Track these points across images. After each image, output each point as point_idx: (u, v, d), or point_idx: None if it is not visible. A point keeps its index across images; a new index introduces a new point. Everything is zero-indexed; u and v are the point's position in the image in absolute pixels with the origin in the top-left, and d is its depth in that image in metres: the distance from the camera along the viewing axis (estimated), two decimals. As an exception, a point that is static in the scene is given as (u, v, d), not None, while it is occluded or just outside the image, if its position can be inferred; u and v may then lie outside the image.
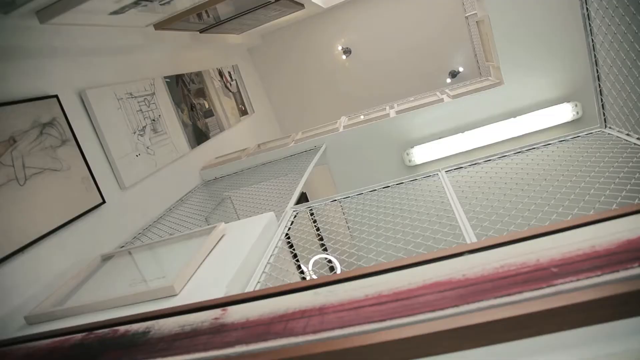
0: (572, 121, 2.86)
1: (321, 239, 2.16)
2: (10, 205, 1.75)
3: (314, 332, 0.80)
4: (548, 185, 1.38)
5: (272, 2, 3.27)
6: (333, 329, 0.79)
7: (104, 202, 2.27)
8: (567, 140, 1.80)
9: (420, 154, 3.01)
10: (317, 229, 2.05)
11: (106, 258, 1.88)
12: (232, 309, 0.98)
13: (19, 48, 1.88)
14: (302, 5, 4.19)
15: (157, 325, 1.02)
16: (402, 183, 1.81)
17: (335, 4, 5.25)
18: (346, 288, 0.91)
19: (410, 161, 3.01)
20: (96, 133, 2.41)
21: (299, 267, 1.92)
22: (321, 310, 0.85)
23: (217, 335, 0.89)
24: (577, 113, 2.83)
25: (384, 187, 1.84)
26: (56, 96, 2.15)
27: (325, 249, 2.13)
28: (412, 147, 3.02)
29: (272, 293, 0.98)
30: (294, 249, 1.73)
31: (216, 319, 0.95)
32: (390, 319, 0.76)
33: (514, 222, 1.23)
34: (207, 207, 3.06)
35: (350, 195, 1.89)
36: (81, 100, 2.36)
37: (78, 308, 1.39)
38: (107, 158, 2.45)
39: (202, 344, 0.87)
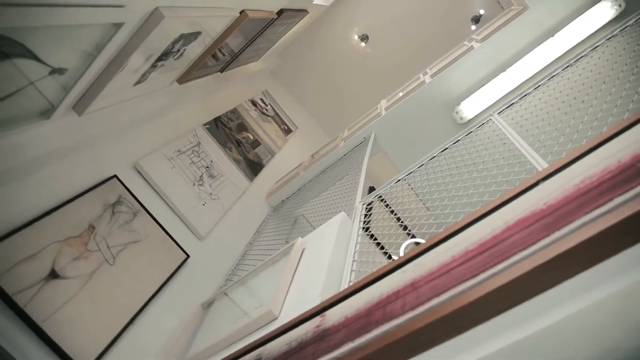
0: (616, 17, 2.64)
1: (400, 220, 2.12)
2: (109, 286, 1.87)
3: (412, 308, 0.78)
4: (609, 87, 1.28)
5: (276, 19, 3.31)
6: (430, 299, 0.77)
7: (188, 256, 2.38)
8: (616, 35, 1.66)
9: (470, 108, 2.90)
10: (393, 212, 2.02)
11: (207, 305, 1.96)
12: (329, 312, 0.98)
13: (69, 145, 2.02)
14: (305, 11, 4.21)
15: (266, 350, 1.04)
16: (459, 140, 1.75)
17: (337, -3, 5.23)
18: (431, 256, 0.88)
19: (462, 118, 2.91)
20: (160, 196, 2.53)
21: (388, 256, 1.90)
22: (413, 286, 0.83)
23: (322, 341, 0.89)
24: (620, 6, 2.61)
25: (442, 151, 1.79)
26: (115, 176, 2.28)
27: (406, 228, 2.09)
28: (458, 104, 2.92)
29: (362, 285, 0.98)
30: (376, 239, 1.72)
31: (317, 326, 0.96)
32: (483, 271, 0.73)
33: (585, 135, 1.15)
34: (284, 229, 3.12)
35: (412, 170, 1.85)
36: (137, 172, 2.49)
37: (195, 358, 1.45)
38: (178, 215, 2.56)
39: (310, 354, 0.88)
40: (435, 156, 1.79)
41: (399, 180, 1.86)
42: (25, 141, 1.68)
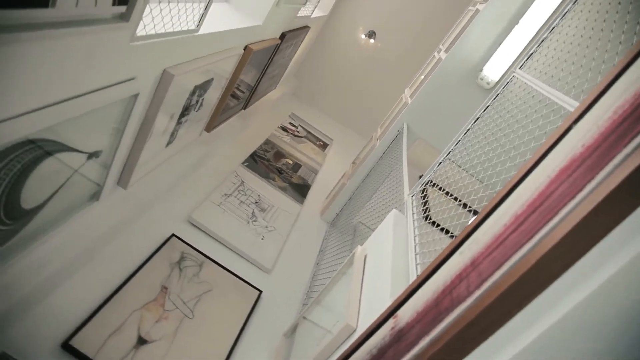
0: None
1: (457, 200, 2.08)
2: (194, 338, 1.93)
3: (477, 287, 0.76)
4: (626, 6, 1.20)
5: (280, 43, 3.36)
6: (492, 273, 0.75)
7: (260, 292, 2.42)
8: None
9: (493, 70, 2.82)
10: (448, 194, 1.98)
11: (289, 334, 1.98)
12: (401, 312, 0.97)
13: (123, 218, 2.12)
14: (306, 27, 4.26)
15: (351, 363, 1.05)
16: (488, 106, 1.70)
17: (332, 3, 5.26)
18: (484, 230, 0.86)
19: (488, 83, 2.83)
20: (220, 242, 2.61)
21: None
22: (473, 264, 0.82)
23: (400, 341, 0.88)
24: None
25: (474, 122, 1.75)
26: (173, 235, 2.38)
27: (465, 205, 2.05)
28: (481, 70, 2.85)
29: (425, 277, 0.97)
30: (439, 225, 1.69)
31: (392, 328, 0.95)
32: (537, 232, 0.70)
33: (612, 64, 1.09)
34: (346, 241, 3.12)
35: (451, 149, 1.82)
36: (192, 225, 2.58)
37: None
38: (241, 256, 2.63)
39: (391, 357, 0.87)
40: (469, 128, 1.75)
41: (440, 162, 1.83)
42: (84, 225, 1.78)
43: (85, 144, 1.47)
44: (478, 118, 1.74)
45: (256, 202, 3.22)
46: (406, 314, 0.94)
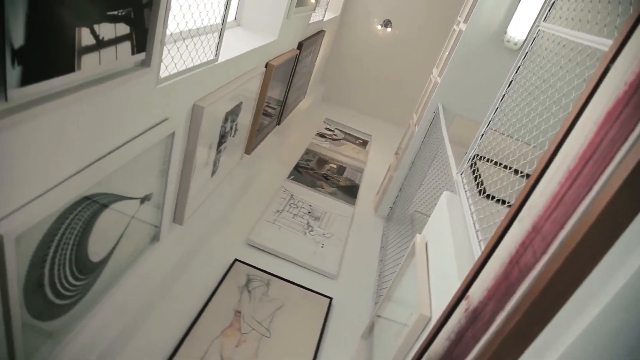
0: None
1: (507, 167, 2.01)
2: (275, 355, 1.96)
3: (544, 251, 0.73)
4: None
5: (299, 53, 3.39)
6: (556, 234, 0.72)
7: (331, 299, 2.43)
8: None
9: (518, 29, 2.71)
10: (498, 164, 1.92)
11: (367, 335, 1.97)
12: (471, 292, 0.95)
13: (186, 252, 2.20)
14: (321, 32, 4.27)
15: (432, 352, 1.03)
16: (520, 67, 1.64)
17: (342, 3, 5.25)
18: (539, 192, 0.83)
19: (515, 44, 2.72)
20: (281, 258, 2.64)
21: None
22: (535, 229, 0.79)
23: (477, 321, 0.86)
24: None
25: (509, 85, 1.68)
26: (235, 260, 2.43)
27: (517, 172, 1.98)
28: (505, 32, 2.75)
29: (489, 252, 0.94)
30: (495, 198, 1.63)
31: (466, 310, 0.93)
32: (595, 181, 0.67)
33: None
34: (406, 232, 3.08)
35: (490, 118, 1.76)
36: (252, 247, 2.63)
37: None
38: (304, 267, 2.65)
39: (470, 338, 0.85)
40: (504, 93, 1.69)
41: (482, 134, 1.78)
42: (151, 267, 1.86)
43: (135, 190, 1.53)
44: (512, 81, 1.68)
45: (309, 212, 3.24)
46: (477, 293, 0.91)
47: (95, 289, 1.49)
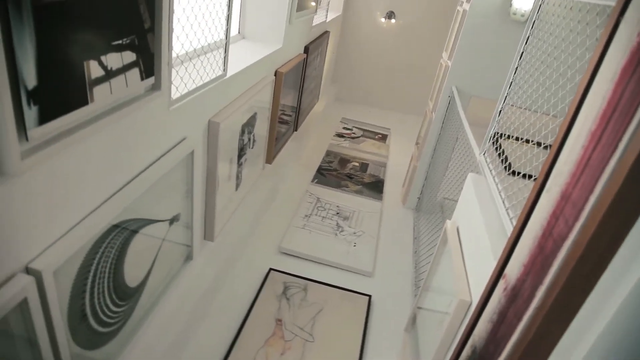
0: None
1: (530, 141, 1.97)
2: (321, 359, 1.96)
3: (576, 218, 0.71)
4: None
5: (306, 58, 3.40)
6: (586, 199, 0.69)
7: (370, 296, 2.43)
8: None
9: (523, 0, 2.66)
10: (519, 139, 1.88)
11: (409, 329, 1.95)
12: (507, 270, 0.93)
13: (220, 269, 2.22)
14: (326, 32, 4.27)
15: (476, 336, 1.01)
16: (529, 37, 1.60)
17: (343, 1, 5.25)
18: (564, 160, 0.81)
19: (522, 15, 2.67)
20: (316, 262, 2.64)
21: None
22: (564, 197, 0.77)
23: (517, 299, 0.84)
24: None
25: (520, 57, 1.65)
26: (270, 269, 2.45)
27: (540, 144, 1.94)
28: (510, 5, 2.70)
29: (520, 227, 0.92)
30: (520, 173, 1.60)
31: (505, 289, 0.91)
32: (619, 140, 0.65)
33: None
34: (437, 221, 3.04)
35: (506, 94, 1.73)
36: (285, 254, 2.65)
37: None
38: (339, 268, 2.65)
39: (513, 317, 0.83)
40: (517, 66, 1.66)
41: (500, 111, 1.75)
42: (188, 286, 1.88)
43: (163, 212, 1.56)
44: (523, 52, 1.65)
45: (337, 213, 3.24)
46: (513, 270, 0.89)
47: (137, 313, 1.52)
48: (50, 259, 0.97)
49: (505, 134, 1.76)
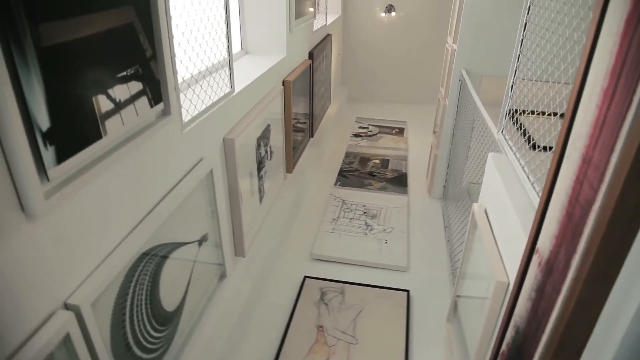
0: None
1: (544, 113, 1.93)
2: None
3: (600, 180, 0.69)
4: None
5: (312, 63, 3.41)
6: (608, 160, 0.67)
7: (408, 291, 2.40)
8: None
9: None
10: (534, 112, 1.84)
11: (452, 318, 1.93)
12: (539, 244, 0.91)
13: (255, 283, 2.24)
14: (328, 35, 4.28)
15: (517, 315, 0.99)
16: (530, 6, 1.57)
17: (340, 2, 5.25)
18: (580, 122, 0.79)
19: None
20: (349, 264, 2.64)
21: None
22: (585, 161, 0.75)
23: (553, 273, 0.82)
24: None
25: (524, 28, 1.62)
26: (305, 277, 2.45)
27: (555, 114, 1.90)
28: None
29: (546, 199, 0.89)
30: (541, 146, 1.57)
31: (539, 264, 0.89)
32: (633, 93, 0.63)
33: None
34: (466, 207, 3.00)
35: (515, 68, 1.70)
36: (318, 260, 2.65)
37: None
38: (374, 266, 2.64)
39: (551, 292, 0.81)
40: (522, 38, 1.63)
41: (512, 85, 1.72)
42: (226, 303, 1.90)
43: (190, 234, 1.58)
44: (526, 23, 1.62)
45: (364, 212, 3.22)
46: (545, 243, 0.87)
47: (178, 336, 1.54)
48: (86, 293, 0.99)
49: (520, 109, 1.72)
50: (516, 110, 1.71)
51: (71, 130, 0.92)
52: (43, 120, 0.84)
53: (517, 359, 0.97)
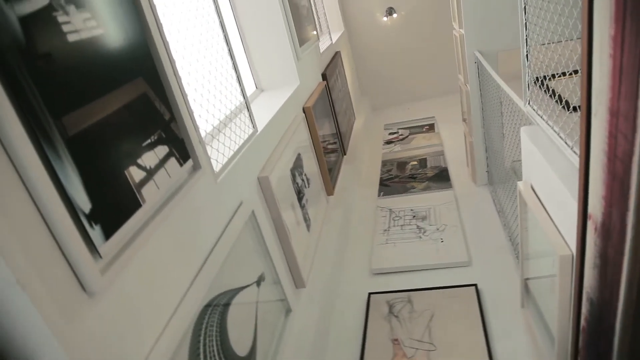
0: None
1: (566, 74, 1.87)
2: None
3: (634, 129, 0.67)
4: None
5: (327, 84, 3.44)
6: (636, 107, 0.65)
7: (475, 285, 2.34)
8: None
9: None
10: (555, 75, 1.79)
11: (525, 304, 1.86)
12: (590, 209, 0.88)
13: (322, 310, 2.24)
14: (337, 53, 4.33)
15: (586, 286, 0.96)
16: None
17: (340, 18, 5.32)
18: (597, 77, 0.76)
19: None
20: (409, 271, 2.60)
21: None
22: (613, 113, 0.73)
23: (611, 236, 0.79)
24: None
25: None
26: (369, 294, 2.43)
27: (577, 72, 1.84)
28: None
29: (585, 159, 0.86)
30: (571, 106, 1.52)
31: (595, 229, 0.86)
32: (640, 35, 0.61)
33: None
34: (514, 187, 2.92)
35: (526, 35, 1.67)
36: (378, 274, 2.63)
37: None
38: (436, 268, 2.59)
39: (613, 255, 0.78)
40: (525, 5, 1.60)
41: (527, 54, 1.68)
42: (297, 338, 1.91)
43: (246, 277, 1.61)
44: (525, 3, 1.59)
45: (414, 217, 3.18)
46: (596, 207, 0.84)
47: (259, 379, 1.55)
48: (159, 355, 1.02)
49: (549, 75, 1.67)
50: (544, 77, 1.67)
51: (111, 206, 0.96)
52: (84, 203, 0.89)
53: (598, 332, 0.93)
